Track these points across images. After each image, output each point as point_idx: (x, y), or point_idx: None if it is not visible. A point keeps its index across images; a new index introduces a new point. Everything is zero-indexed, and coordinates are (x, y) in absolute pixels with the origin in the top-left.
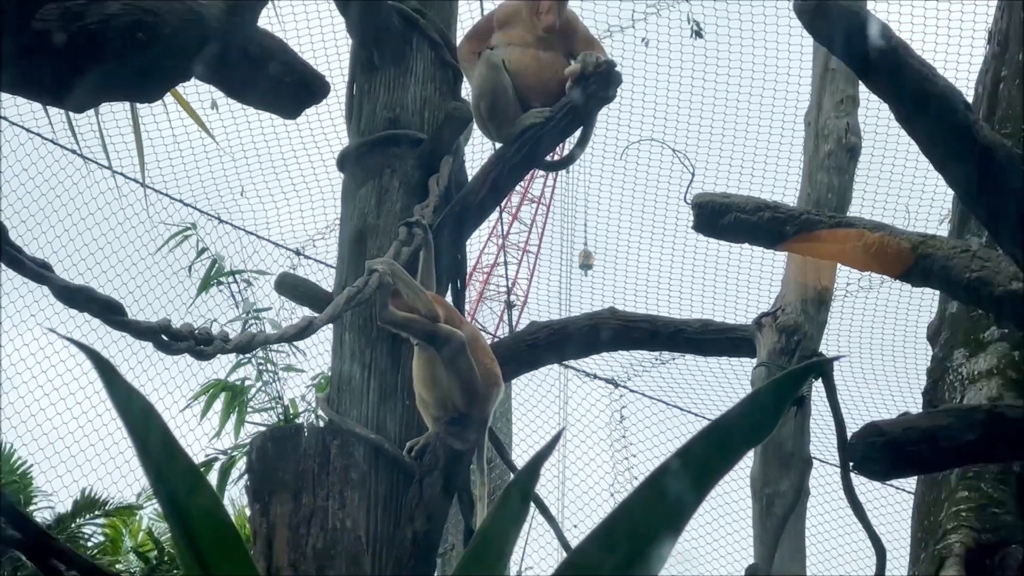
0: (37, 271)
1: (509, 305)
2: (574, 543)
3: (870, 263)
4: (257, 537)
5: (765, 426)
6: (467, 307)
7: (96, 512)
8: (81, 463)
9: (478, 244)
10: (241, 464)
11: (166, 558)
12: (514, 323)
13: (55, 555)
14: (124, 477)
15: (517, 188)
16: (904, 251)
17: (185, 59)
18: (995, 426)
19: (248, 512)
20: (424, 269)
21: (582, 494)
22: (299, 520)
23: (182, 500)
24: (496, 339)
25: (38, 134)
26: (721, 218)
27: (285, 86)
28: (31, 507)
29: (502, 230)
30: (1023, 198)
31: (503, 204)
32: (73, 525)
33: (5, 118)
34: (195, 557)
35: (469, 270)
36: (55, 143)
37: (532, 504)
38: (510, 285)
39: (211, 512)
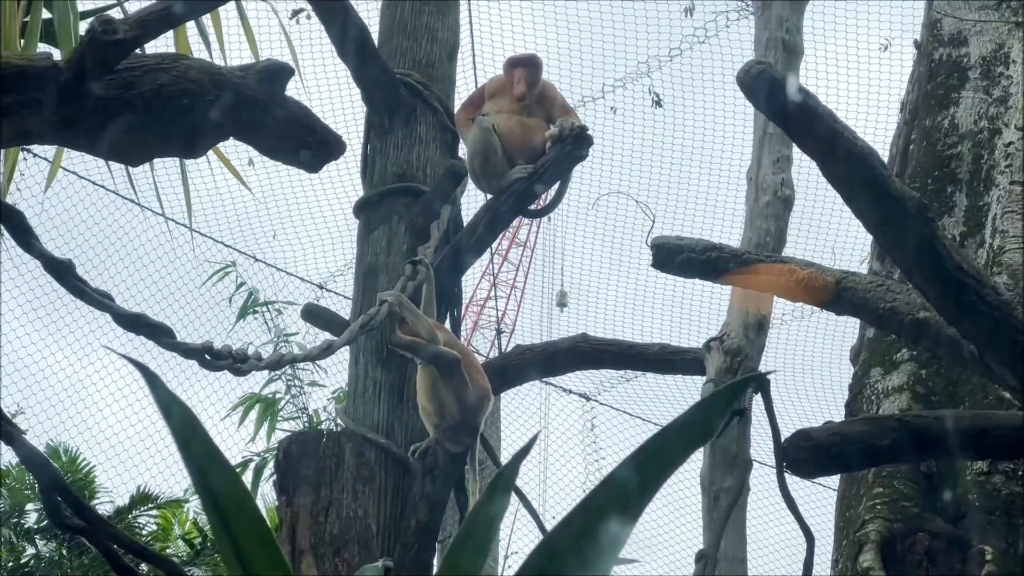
0: (100, 300)
1: (499, 332)
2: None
3: (801, 295)
4: (283, 524)
5: (709, 430)
6: (464, 334)
7: (149, 505)
8: (137, 463)
9: (473, 281)
10: (273, 464)
11: (209, 544)
12: (503, 347)
13: (114, 541)
14: (174, 475)
15: (507, 234)
16: (829, 285)
17: (223, 122)
18: (904, 433)
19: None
20: (426, 300)
21: (560, 490)
22: (319, 510)
23: (214, 488)
24: (487, 359)
25: (102, 186)
26: (676, 257)
27: (308, 145)
28: (94, 501)
29: (493, 270)
30: (929, 241)
31: (494, 247)
32: (130, 516)
33: (75, 172)
34: (228, 538)
35: (465, 302)
36: (117, 193)
37: (515, 496)
38: (500, 316)
39: (238, 496)
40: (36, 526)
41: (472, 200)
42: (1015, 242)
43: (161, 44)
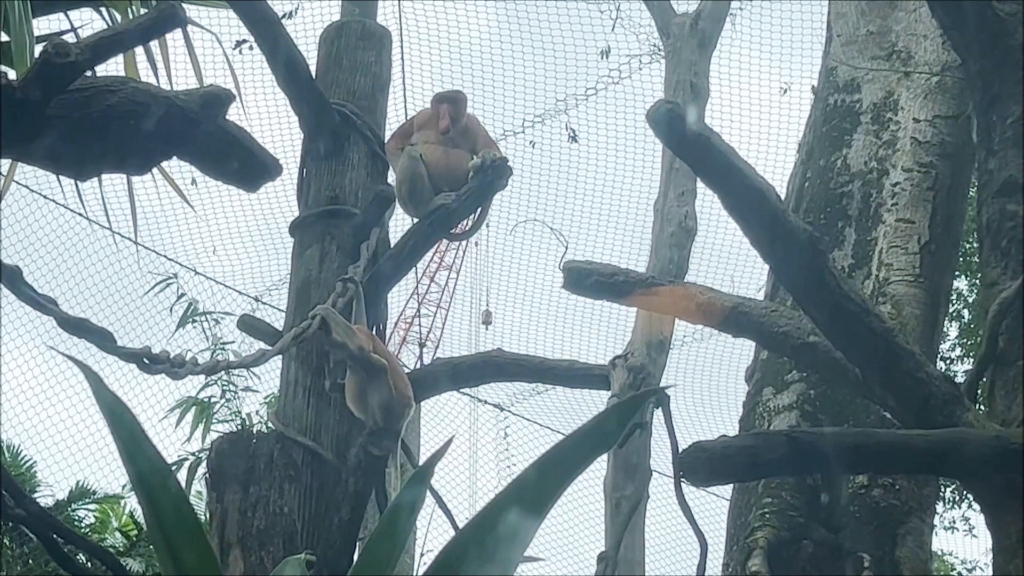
0: (45, 305)
1: (421, 346)
2: None
3: (700, 318)
4: (213, 518)
5: (609, 439)
6: (392, 348)
7: (88, 500)
8: (78, 460)
9: (402, 300)
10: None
11: (144, 536)
12: (428, 360)
13: (53, 531)
14: (113, 471)
15: (435, 258)
16: (726, 309)
17: (167, 142)
18: (792, 448)
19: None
20: (355, 314)
21: (479, 493)
22: (247, 506)
23: (149, 484)
24: (411, 371)
25: (52, 199)
26: (585, 280)
27: (246, 166)
28: (35, 495)
29: (420, 291)
30: (820, 271)
31: (424, 268)
32: (69, 510)
33: (27, 186)
34: (161, 531)
35: (394, 319)
36: (66, 207)
37: (433, 497)
38: (427, 332)
39: (171, 492)
40: None
41: (399, 223)
42: (899, 274)
43: (112, 67)
